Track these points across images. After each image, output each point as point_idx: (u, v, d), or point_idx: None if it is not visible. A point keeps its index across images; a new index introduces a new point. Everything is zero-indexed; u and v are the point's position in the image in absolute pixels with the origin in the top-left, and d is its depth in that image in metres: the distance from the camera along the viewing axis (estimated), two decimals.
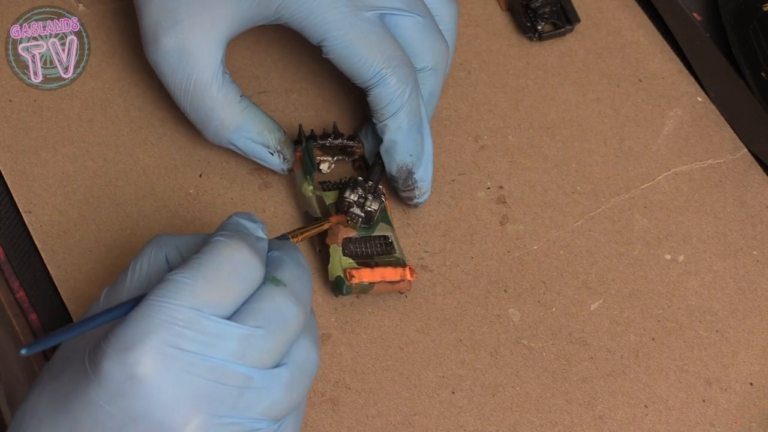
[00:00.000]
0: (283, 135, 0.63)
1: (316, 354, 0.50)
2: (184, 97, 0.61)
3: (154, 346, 0.45)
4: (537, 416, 0.60)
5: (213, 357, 0.46)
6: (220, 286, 0.47)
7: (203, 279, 0.46)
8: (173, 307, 0.45)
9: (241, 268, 0.47)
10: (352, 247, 0.61)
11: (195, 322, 0.46)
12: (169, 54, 0.60)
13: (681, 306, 0.63)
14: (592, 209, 0.66)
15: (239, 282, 0.47)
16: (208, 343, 0.46)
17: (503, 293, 0.63)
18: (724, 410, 0.60)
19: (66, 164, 0.64)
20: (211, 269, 0.47)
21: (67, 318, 0.60)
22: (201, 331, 0.46)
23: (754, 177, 0.67)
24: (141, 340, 0.45)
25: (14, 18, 0.67)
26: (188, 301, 0.46)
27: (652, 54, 0.71)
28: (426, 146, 0.62)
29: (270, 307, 0.48)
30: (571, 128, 0.68)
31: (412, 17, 0.61)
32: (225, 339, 0.46)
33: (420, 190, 0.63)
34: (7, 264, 0.62)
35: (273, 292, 0.48)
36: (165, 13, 0.60)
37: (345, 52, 0.60)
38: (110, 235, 0.62)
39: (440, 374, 0.60)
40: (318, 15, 0.59)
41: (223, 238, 0.48)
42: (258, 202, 0.64)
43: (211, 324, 0.46)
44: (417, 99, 0.61)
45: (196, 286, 0.46)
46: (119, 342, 0.45)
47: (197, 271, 0.47)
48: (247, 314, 0.47)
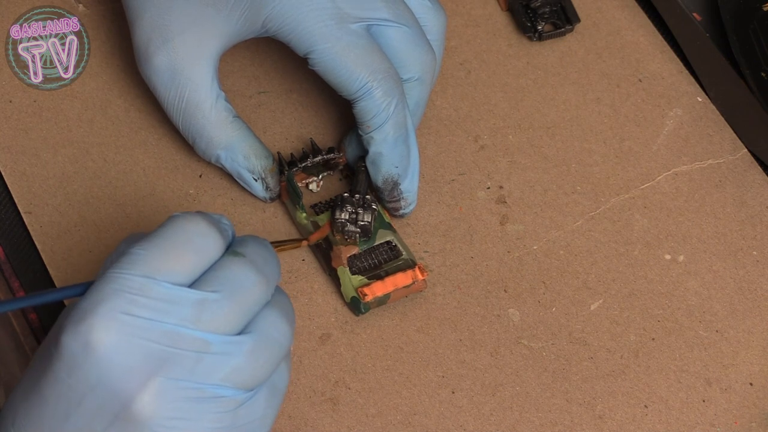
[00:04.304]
0: (270, 163, 0.63)
1: (287, 328, 0.49)
2: (177, 114, 0.61)
3: (105, 314, 0.45)
4: (537, 416, 0.60)
5: (166, 322, 0.46)
6: (174, 255, 0.47)
7: (157, 249, 0.47)
8: (126, 277, 0.46)
9: (196, 239, 0.47)
10: (358, 264, 0.61)
11: (147, 288, 0.46)
12: (161, 72, 0.61)
13: (681, 306, 0.63)
14: (592, 209, 0.66)
15: (194, 252, 0.47)
16: (160, 309, 0.46)
17: (503, 293, 0.63)
18: (724, 410, 0.60)
19: (66, 165, 0.64)
20: (166, 239, 0.47)
21: None
22: (153, 297, 0.46)
23: (754, 177, 0.67)
24: (93, 309, 0.45)
25: (14, 18, 0.67)
26: (141, 270, 0.46)
27: (652, 54, 0.71)
28: (412, 158, 0.62)
29: (226, 274, 0.48)
30: (571, 128, 0.68)
31: (399, 28, 0.61)
32: (178, 304, 0.46)
33: (406, 201, 0.63)
34: (7, 264, 0.62)
35: (231, 261, 0.48)
36: (156, 30, 0.60)
37: (331, 65, 0.60)
38: (110, 235, 0.62)
39: (440, 374, 0.60)
40: (304, 28, 0.59)
41: (180, 213, 0.49)
42: (257, 203, 0.64)
43: (162, 290, 0.46)
44: (403, 111, 0.61)
45: (149, 255, 0.46)
46: (75, 314, 0.45)
47: (152, 242, 0.47)
48: (203, 282, 0.47)
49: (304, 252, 0.63)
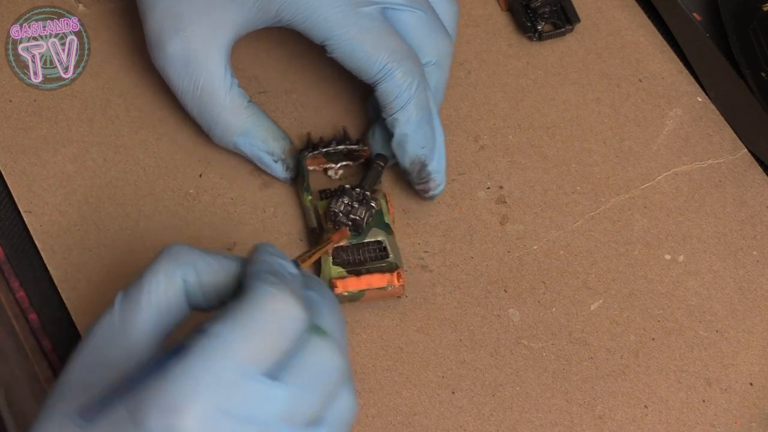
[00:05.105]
0: (288, 144, 0.63)
1: (355, 402, 0.47)
2: (192, 102, 0.61)
3: (200, 410, 0.42)
4: (537, 416, 0.60)
5: (259, 420, 0.43)
6: (266, 344, 0.44)
7: (250, 336, 0.44)
8: (218, 367, 0.43)
9: (288, 323, 0.44)
10: (344, 256, 0.61)
11: (242, 384, 0.43)
12: (175, 60, 0.60)
13: (681, 306, 0.63)
14: (592, 209, 0.66)
15: (286, 338, 0.44)
16: (254, 405, 0.43)
17: (503, 293, 0.63)
18: (724, 410, 0.61)
19: (66, 164, 0.64)
20: (258, 324, 0.44)
21: (67, 318, 0.60)
22: (248, 393, 0.43)
23: (754, 177, 0.67)
24: (187, 402, 0.42)
25: (14, 18, 0.67)
26: (234, 361, 0.43)
27: (652, 54, 0.71)
28: (437, 138, 0.62)
29: (315, 362, 0.45)
30: (571, 128, 0.68)
31: (413, 12, 0.61)
32: (272, 401, 0.44)
33: (435, 181, 0.62)
34: (7, 264, 0.62)
35: (318, 345, 0.46)
36: (169, 18, 0.60)
37: (349, 50, 0.60)
38: (110, 235, 0.62)
39: (440, 374, 0.60)
40: (319, 15, 0.59)
41: (266, 286, 0.45)
42: (258, 202, 0.64)
43: (258, 386, 0.43)
44: (425, 92, 0.61)
45: (242, 344, 0.43)
46: (164, 402, 0.42)
47: (243, 327, 0.44)
48: (292, 371, 0.45)
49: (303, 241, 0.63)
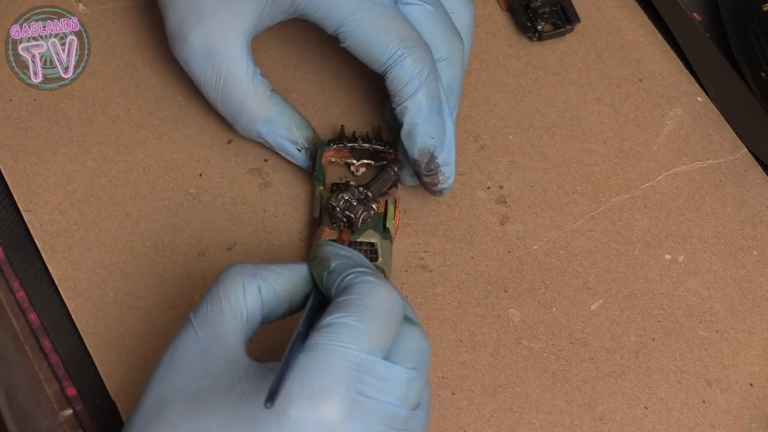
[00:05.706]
0: (311, 133, 0.63)
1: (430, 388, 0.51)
2: (215, 93, 0.62)
3: (343, 394, 0.45)
4: (537, 417, 0.60)
5: (385, 401, 0.46)
6: (384, 329, 0.47)
7: (372, 322, 0.47)
8: (351, 352, 0.46)
9: (395, 310, 0.48)
10: None
11: (371, 366, 0.46)
12: (196, 51, 0.61)
13: (681, 306, 0.63)
14: (592, 209, 0.66)
15: (396, 323, 0.48)
16: (381, 387, 0.46)
17: (503, 293, 0.63)
18: (724, 411, 0.61)
19: (66, 164, 0.64)
20: (375, 312, 0.47)
21: (67, 318, 0.60)
22: (376, 375, 0.46)
23: (754, 177, 0.67)
24: (331, 387, 0.45)
25: (14, 18, 0.67)
26: (363, 346, 0.46)
27: (652, 54, 0.71)
28: (447, 129, 0.61)
29: (415, 347, 0.49)
30: (571, 128, 0.68)
31: (424, 7, 0.61)
32: (393, 383, 0.47)
33: (444, 174, 0.61)
34: (7, 264, 0.62)
35: (413, 331, 0.49)
36: (189, 10, 0.61)
37: (361, 36, 0.59)
38: (110, 234, 0.62)
39: (440, 375, 0.60)
40: (333, 2, 0.59)
41: (368, 278, 0.49)
42: (258, 202, 0.64)
43: (382, 368, 0.47)
44: (435, 81, 0.60)
45: (367, 329, 0.47)
46: (307, 390, 0.45)
47: (364, 314, 0.47)
48: (400, 355, 0.48)
49: (303, 241, 0.63)
